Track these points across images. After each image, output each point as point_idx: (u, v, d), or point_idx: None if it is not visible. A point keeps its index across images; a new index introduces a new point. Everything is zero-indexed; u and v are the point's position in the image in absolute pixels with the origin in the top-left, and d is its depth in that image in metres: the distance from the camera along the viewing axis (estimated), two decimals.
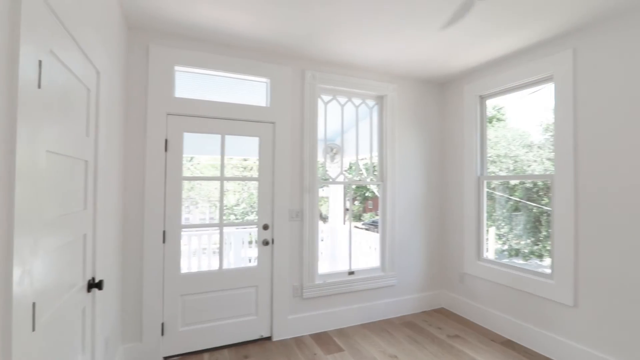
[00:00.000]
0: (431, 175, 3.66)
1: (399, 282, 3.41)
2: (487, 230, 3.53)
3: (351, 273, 3.23)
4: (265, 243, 2.86)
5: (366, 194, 14.61)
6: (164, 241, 2.54)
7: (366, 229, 8.21)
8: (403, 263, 3.45)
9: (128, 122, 2.45)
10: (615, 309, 2.23)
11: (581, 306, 2.42)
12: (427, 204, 3.62)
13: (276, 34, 2.54)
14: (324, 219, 7.77)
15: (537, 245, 5.50)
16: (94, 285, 1.59)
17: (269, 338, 2.83)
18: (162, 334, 2.53)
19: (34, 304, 0.96)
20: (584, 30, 2.42)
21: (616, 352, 2.22)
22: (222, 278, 2.71)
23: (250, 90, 2.90)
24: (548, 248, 3.42)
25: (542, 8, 2.14)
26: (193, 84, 2.71)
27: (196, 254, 4.52)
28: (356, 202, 14.89)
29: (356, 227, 9.90)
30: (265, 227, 2.87)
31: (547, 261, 3.60)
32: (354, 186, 3.35)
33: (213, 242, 4.84)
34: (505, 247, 5.68)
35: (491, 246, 4.23)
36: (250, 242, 4.92)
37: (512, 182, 3.85)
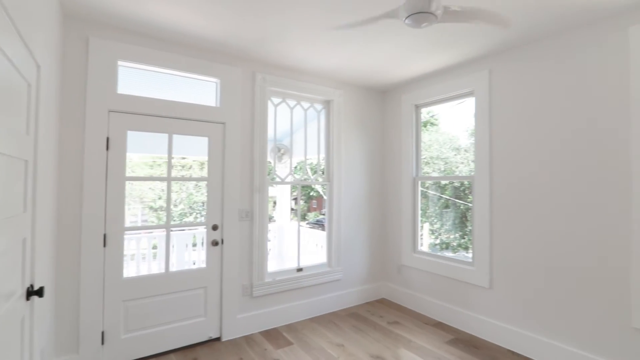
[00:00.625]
0: (373, 176, 3.94)
1: (344, 276, 3.63)
2: (422, 226, 3.91)
3: (300, 270, 3.36)
4: (215, 243, 2.85)
5: (311, 193, 14.83)
6: (104, 245, 2.41)
7: (311, 228, 8.40)
8: (348, 258, 3.67)
9: (64, 118, 2.29)
10: (520, 288, 2.67)
11: (495, 287, 2.85)
12: (369, 202, 3.89)
13: (229, 36, 2.56)
14: (269, 218, 7.77)
15: (464, 238, 6.17)
16: (34, 292, 1.50)
17: (218, 339, 2.83)
18: (102, 343, 2.40)
19: None
20: (497, 55, 2.84)
21: (523, 324, 2.66)
22: (169, 281, 2.65)
23: (199, 90, 2.87)
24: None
25: (465, 34, 2.48)
26: (139, 80, 2.61)
27: (134, 258, 4.29)
28: (301, 202, 15.04)
29: (301, 225, 10.05)
30: (215, 228, 2.87)
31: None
32: (299, 186, 3.49)
33: (152, 247, 4.61)
34: (437, 241, 6.27)
35: (425, 240, 4.67)
36: (194, 245, 4.78)
37: (443, 181, 4.30)
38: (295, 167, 5.20)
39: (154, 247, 4.73)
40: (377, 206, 3.97)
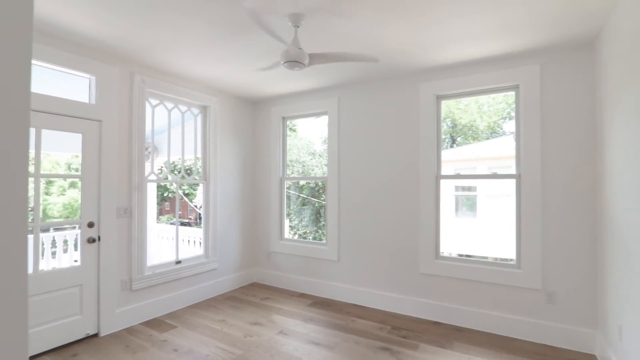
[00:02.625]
0: (246, 176, 4.47)
1: (220, 265, 4.03)
2: (287, 221, 4.68)
3: (178, 262, 3.59)
4: (92, 241, 2.83)
5: (165, 194, 13.68)
6: None
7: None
8: (223, 249, 4.09)
9: None
10: (358, 259, 3.73)
11: (341, 260, 3.84)
12: (242, 199, 4.40)
13: (114, 38, 2.64)
14: None
15: (318, 232, 7.33)
16: None
17: (96, 334, 2.82)
18: None
19: None
20: (345, 86, 3.86)
21: (361, 284, 3.72)
22: (38, 282, 2.52)
23: (75, 86, 2.79)
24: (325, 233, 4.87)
25: (324, 70, 3.33)
26: None
27: None
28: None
29: (169, 223, 9.49)
30: (91, 225, 2.85)
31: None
32: (171, 185, 3.71)
33: None
34: (296, 237, 7.24)
35: (286, 236, 5.46)
36: (42, 251, 4.20)
37: (301, 182, 5.20)
38: (162, 167, 5.20)
39: None
40: (249, 202, 4.52)
